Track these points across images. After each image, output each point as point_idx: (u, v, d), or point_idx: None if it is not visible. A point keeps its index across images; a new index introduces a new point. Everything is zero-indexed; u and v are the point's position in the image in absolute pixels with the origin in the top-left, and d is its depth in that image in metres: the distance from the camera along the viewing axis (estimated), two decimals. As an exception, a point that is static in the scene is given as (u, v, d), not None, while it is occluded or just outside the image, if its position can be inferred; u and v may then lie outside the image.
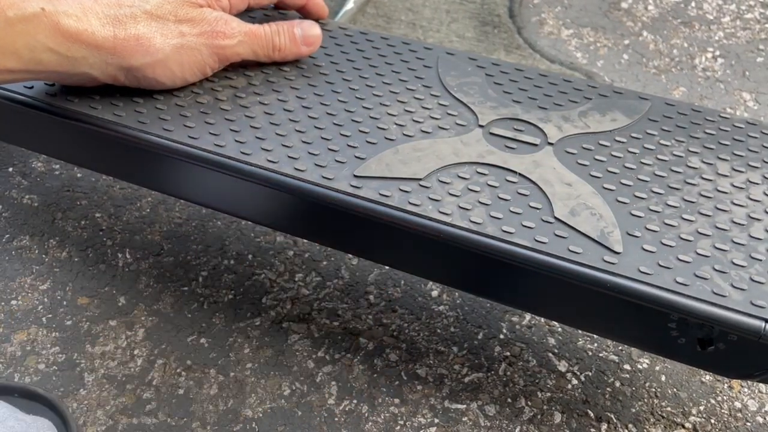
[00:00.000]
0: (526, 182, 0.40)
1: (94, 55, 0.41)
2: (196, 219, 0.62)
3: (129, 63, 0.42)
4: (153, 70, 0.43)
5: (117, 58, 0.42)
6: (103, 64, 0.42)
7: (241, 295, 0.56)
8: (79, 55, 0.41)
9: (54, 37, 0.39)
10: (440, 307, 0.55)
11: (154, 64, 0.43)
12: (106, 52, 0.41)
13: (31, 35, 0.39)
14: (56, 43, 0.40)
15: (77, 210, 0.62)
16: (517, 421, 0.49)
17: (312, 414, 0.49)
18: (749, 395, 0.50)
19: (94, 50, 0.41)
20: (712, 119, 0.44)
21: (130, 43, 0.41)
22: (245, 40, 0.45)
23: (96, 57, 0.41)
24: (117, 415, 0.49)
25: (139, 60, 0.42)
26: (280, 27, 0.47)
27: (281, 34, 0.47)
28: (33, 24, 0.39)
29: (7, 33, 0.38)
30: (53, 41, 0.39)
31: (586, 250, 0.36)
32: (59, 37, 0.39)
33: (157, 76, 0.44)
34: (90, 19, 0.40)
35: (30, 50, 0.39)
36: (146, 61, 0.42)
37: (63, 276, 0.57)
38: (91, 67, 0.42)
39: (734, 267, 0.35)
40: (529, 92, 0.46)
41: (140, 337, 0.53)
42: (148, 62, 0.43)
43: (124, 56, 0.42)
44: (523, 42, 0.81)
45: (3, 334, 0.53)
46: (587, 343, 0.53)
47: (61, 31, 0.39)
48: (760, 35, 0.82)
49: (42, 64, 0.40)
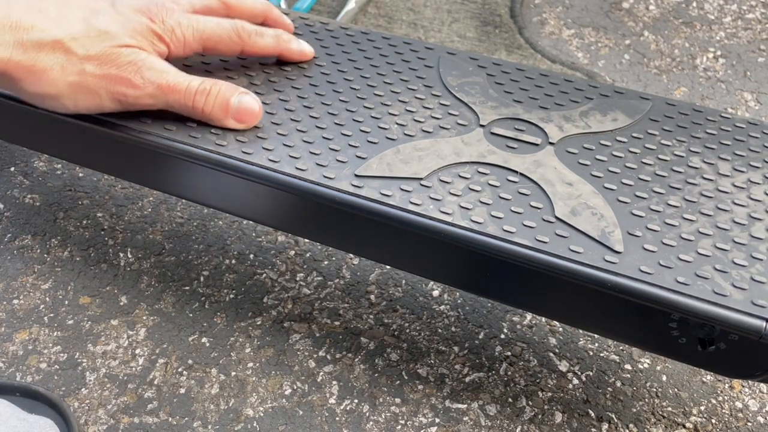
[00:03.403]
0: (527, 182, 0.40)
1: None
2: (198, 218, 0.62)
3: (18, 91, 0.40)
4: (42, 100, 0.41)
5: (7, 83, 0.40)
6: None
7: (243, 295, 0.56)
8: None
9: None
10: (441, 306, 0.55)
11: (44, 95, 0.40)
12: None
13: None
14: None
15: (79, 209, 0.62)
16: (518, 420, 0.49)
17: (313, 413, 0.49)
18: (750, 395, 0.50)
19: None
20: (714, 119, 0.44)
21: (21, 69, 0.39)
22: (155, 93, 0.41)
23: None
24: (118, 414, 0.49)
25: (28, 88, 0.40)
26: (214, 88, 0.41)
27: (211, 96, 0.41)
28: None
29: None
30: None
31: (587, 250, 0.36)
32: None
33: (47, 107, 0.41)
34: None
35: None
36: (36, 90, 0.40)
37: (65, 275, 0.57)
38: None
39: (735, 266, 0.35)
40: (531, 92, 0.46)
41: (142, 337, 0.53)
42: (38, 92, 0.40)
43: (13, 81, 0.39)
44: (524, 42, 0.81)
45: (5, 333, 0.53)
46: (588, 343, 0.53)
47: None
48: (761, 35, 0.82)
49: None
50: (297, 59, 0.48)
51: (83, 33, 0.39)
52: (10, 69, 0.38)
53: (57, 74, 0.39)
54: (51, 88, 0.39)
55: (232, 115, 0.42)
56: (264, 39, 0.46)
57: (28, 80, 0.39)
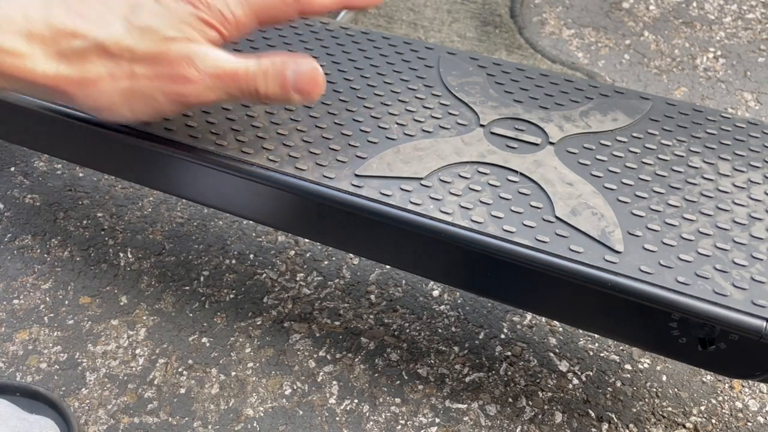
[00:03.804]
0: (527, 182, 0.40)
1: (37, 92, 0.37)
2: (198, 218, 0.62)
3: (73, 104, 0.37)
4: (99, 113, 0.38)
5: (60, 97, 0.37)
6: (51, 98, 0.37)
7: (243, 295, 0.56)
8: (22, 90, 0.37)
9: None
10: (441, 306, 0.55)
11: (99, 108, 0.37)
12: (46, 90, 0.36)
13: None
14: (3, 83, 0.35)
15: (79, 209, 0.62)
16: (518, 420, 0.49)
17: (313, 413, 0.49)
18: (750, 395, 0.50)
19: (34, 87, 0.36)
20: (714, 119, 0.44)
21: (71, 84, 0.36)
22: (214, 85, 0.37)
23: (40, 93, 0.38)
24: (118, 414, 0.49)
25: (82, 103, 0.37)
26: (270, 66, 0.37)
27: (268, 76, 0.37)
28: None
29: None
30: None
31: (587, 250, 0.36)
32: (4, 82, 0.35)
33: (104, 118, 0.38)
34: (34, 51, 0.35)
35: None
36: (90, 104, 0.37)
37: (65, 275, 0.57)
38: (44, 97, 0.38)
39: (735, 266, 0.35)
40: (531, 92, 0.46)
41: (142, 337, 0.53)
42: (92, 106, 0.37)
43: (67, 97, 0.37)
44: (524, 42, 0.81)
45: (5, 333, 0.53)
46: (588, 342, 0.53)
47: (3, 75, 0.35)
48: (761, 35, 0.82)
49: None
50: (363, 6, 0.42)
51: (126, 33, 0.36)
52: (61, 85, 0.36)
53: (107, 84, 0.36)
54: (104, 100, 0.37)
55: (292, 88, 0.37)
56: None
57: (79, 94, 0.36)
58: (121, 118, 0.38)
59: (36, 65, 0.35)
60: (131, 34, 0.36)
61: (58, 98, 0.37)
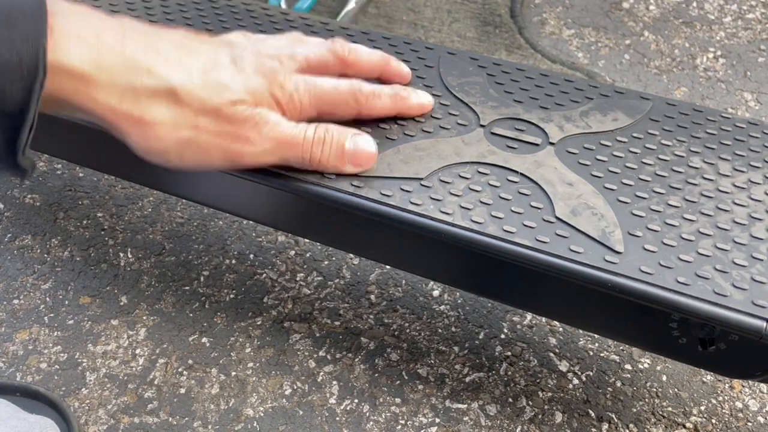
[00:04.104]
0: (528, 182, 0.40)
1: (92, 119, 0.36)
2: (198, 218, 0.62)
3: (124, 139, 0.36)
4: (147, 154, 0.37)
5: (113, 130, 0.36)
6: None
7: (243, 295, 0.56)
8: (78, 115, 0.36)
9: (50, 96, 0.33)
10: (441, 306, 0.55)
11: (149, 150, 0.36)
12: (102, 121, 0.35)
13: (49, 91, 0.33)
14: (53, 102, 0.34)
15: (79, 209, 0.62)
16: (518, 420, 0.49)
17: (313, 413, 0.49)
18: (750, 395, 0.50)
19: (91, 115, 0.35)
20: (714, 119, 0.44)
21: (128, 120, 0.35)
22: (272, 150, 0.37)
23: (94, 120, 0.36)
24: (118, 414, 0.49)
25: (134, 142, 0.36)
26: (328, 135, 0.38)
27: (326, 144, 0.38)
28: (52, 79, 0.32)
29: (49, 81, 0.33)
30: (49, 99, 0.33)
31: (588, 250, 0.36)
32: (55, 97, 0.33)
33: (148, 159, 0.37)
34: (100, 78, 0.33)
35: (50, 103, 0.34)
36: (142, 145, 0.36)
37: (65, 275, 0.57)
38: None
39: (735, 267, 0.35)
40: (531, 92, 0.46)
41: (142, 337, 0.53)
42: (144, 147, 0.36)
43: (120, 132, 0.36)
44: (524, 42, 0.81)
45: (5, 333, 0.53)
46: (588, 343, 0.53)
47: (56, 90, 0.33)
48: (761, 35, 0.82)
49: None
50: (416, 114, 0.43)
51: (201, 84, 0.35)
52: (116, 119, 0.35)
53: (167, 130, 0.35)
54: (158, 144, 0.36)
55: (348, 161, 0.39)
56: (381, 100, 0.41)
57: (134, 134, 0.35)
58: (165, 163, 0.37)
59: (98, 94, 0.34)
60: (206, 86, 0.35)
61: (111, 130, 0.36)
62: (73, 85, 0.33)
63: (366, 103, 0.41)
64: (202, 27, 0.50)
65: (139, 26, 0.36)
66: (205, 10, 0.52)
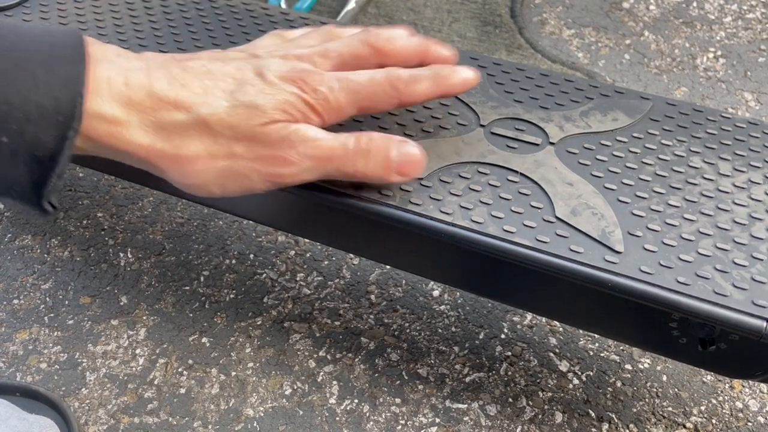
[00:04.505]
0: (528, 182, 0.40)
1: (128, 161, 0.35)
2: (198, 218, 0.62)
3: (163, 176, 0.36)
4: (188, 188, 0.36)
5: (151, 169, 0.35)
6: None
7: (243, 295, 0.56)
8: (114, 157, 0.35)
9: (84, 140, 0.33)
10: (441, 306, 0.55)
11: (190, 185, 0.36)
12: (138, 161, 0.35)
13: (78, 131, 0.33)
14: (86, 145, 0.33)
15: (79, 209, 0.62)
16: (519, 420, 0.49)
17: (313, 413, 0.49)
18: (750, 395, 0.50)
19: (127, 156, 0.35)
20: (714, 119, 0.44)
21: (164, 158, 0.34)
22: (313, 167, 0.36)
23: (131, 162, 0.35)
24: (118, 414, 0.49)
25: (173, 177, 0.35)
26: (372, 146, 0.36)
27: (371, 155, 0.36)
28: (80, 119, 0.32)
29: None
30: (83, 142, 0.33)
31: (588, 250, 0.36)
32: (89, 141, 0.33)
33: (191, 193, 0.37)
34: (131, 119, 0.33)
35: (85, 146, 0.34)
36: (181, 181, 0.35)
37: (65, 275, 0.57)
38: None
39: (736, 267, 0.35)
40: (531, 92, 0.46)
41: (142, 337, 0.53)
42: (183, 183, 0.36)
43: (158, 170, 0.35)
44: (524, 42, 0.81)
45: (5, 333, 0.53)
46: (588, 343, 0.53)
47: (91, 135, 0.33)
48: (761, 35, 0.82)
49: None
50: (462, 92, 0.41)
51: (230, 110, 0.34)
52: (152, 157, 0.34)
53: (204, 163, 0.34)
54: (198, 178, 0.35)
55: (395, 170, 0.37)
56: (422, 85, 0.38)
57: (172, 170, 0.35)
58: (209, 194, 0.36)
59: (131, 135, 0.33)
60: (235, 110, 0.34)
61: (148, 169, 0.36)
62: (107, 128, 0.33)
63: (405, 90, 0.38)
64: (202, 27, 0.50)
65: (161, 60, 0.35)
66: (205, 10, 0.52)
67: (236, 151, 0.34)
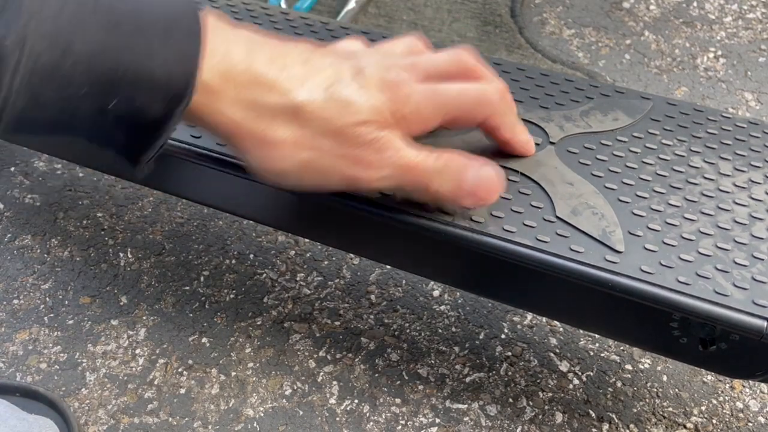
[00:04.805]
0: (528, 181, 0.40)
1: (214, 134, 0.35)
2: (198, 218, 0.62)
3: (243, 157, 0.35)
4: (265, 173, 0.35)
5: (234, 147, 0.35)
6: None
7: (243, 295, 0.56)
8: (201, 128, 0.34)
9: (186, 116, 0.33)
10: (442, 306, 0.55)
11: (268, 170, 0.35)
12: (224, 136, 0.34)
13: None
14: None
15: (79, 209, 0.62)
16: (519, 421, 0.49)
17: (313, 414, 0.49)
18: (751, 395, 0.50)
19: (214, 129, 0.34)
20: (714, 119, 0.44)
21: (250, 137, 0.33)
22: (391, 175, 0.35)
23: (216, 136, 0.35)
24: (118, 414, 0.49)
25: (253, 160, 0.35)
26: (450, 164, 0.35)
27: (444, 174, 0.35)
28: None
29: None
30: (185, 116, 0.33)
31: (588, 250, 0.36)
32: (187, 115, 0.33)
33: (266, 180, 0.36)
34: (226, 91, 0.32)
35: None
36: (260, 165, 0.35)
37: (65, 275, 0.57)
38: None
39: (736, 266, 0.35)
40: (531, 92, 0.46)
41: (142, 337, 0.53)
42: (262, 167, 0.35)
43: (240, 149, 0.35)
44: (524, 42, 0.81)
45: (5, 334, 0.53)
46: (589, 343, 0.53)
47: (187, 110, 0.32)
48: (762, 35, 0.82)
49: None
50: (518, 152, 0.40)
51: (324, 102, 0.33)
52: (240, 134, 0.33)
53: (288, 150, 0.33)
54: (279, 165, 0.34)
55: (467, 193, 0.36)
56: (509, 118, 0.38)
57: (255, 152, 0.34)
58: (283, 184, 0.36)
59: (224, 108, 0.33)
60: (329, 104, 0.33)
61: (231, 147, 0.35)
62: (203, 98, 0.32)
63: (497, 105, 0.37)
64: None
65: (263, 39, 0.35)
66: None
67: (322, 145, 0.33)
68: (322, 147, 0.34)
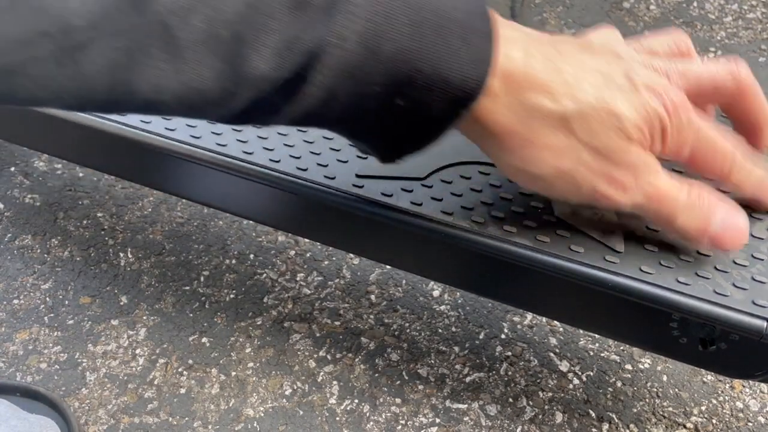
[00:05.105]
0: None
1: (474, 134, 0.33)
2: (198, 218, 0.62)
3: (495, 152, 0.33)
4: (516, 173, 0.33)
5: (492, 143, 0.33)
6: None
7: (243, 295, 0.56)
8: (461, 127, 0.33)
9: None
10: (442, 306, 0.55)
11: (522, 172, 0.33)
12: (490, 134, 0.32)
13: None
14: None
15: (79, 209, 0.62)
16: (519, 420, 0.49)
17: (313, 413, 0.49)
18: (751, 395, 0.50)
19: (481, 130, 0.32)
20: (714, 119, 0.44)
21: (517, 139, 0.31)
22: (641, 203, 0.32)
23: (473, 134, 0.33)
24: (118, 414, 0.49)
25: (509, 158, 0.33)
26: (702, 201, 0.33)
27: (692, 211, 0.33)
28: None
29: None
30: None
31: (588, 250, 0.36)
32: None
33: (517, 179, 0.34)
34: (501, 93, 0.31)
35: None
36: (516, 164, 0.33)
37: (65, 275, 0.57)
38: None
39: (736, 266, 0.35)
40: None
41: (142, 337, 0.53)
42: (517, 167, 0.33)
43: (502, 146, 0.32)
44: (524, 42, 0.81)
45: (5, 334, 0.53)
46: (589, 343, 0.53)
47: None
48: (762, 35, 0.82)
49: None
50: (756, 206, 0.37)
51: (593, 112, 0.31)
52: (509, 134, 0.32)
53: (551, 156, 0.32)
54: (535, 169, 0.32)
55: (709, 236, 0.33)
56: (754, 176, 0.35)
57: (514, 152, 0.32)
58: (532, 188, 0.34)
59: (500, 108, 0.31)
60: (598, 113, 0.31)
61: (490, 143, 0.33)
62: (483, 100, 0.31)
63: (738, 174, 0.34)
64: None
65: (534, 37, 0.33)
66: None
67: (583, 158, 0.32)
68: (583, 160, 0.32)
